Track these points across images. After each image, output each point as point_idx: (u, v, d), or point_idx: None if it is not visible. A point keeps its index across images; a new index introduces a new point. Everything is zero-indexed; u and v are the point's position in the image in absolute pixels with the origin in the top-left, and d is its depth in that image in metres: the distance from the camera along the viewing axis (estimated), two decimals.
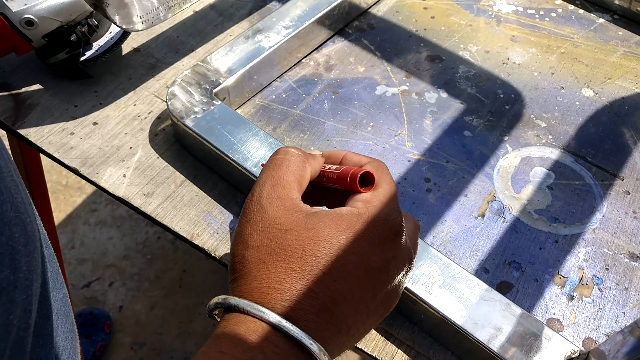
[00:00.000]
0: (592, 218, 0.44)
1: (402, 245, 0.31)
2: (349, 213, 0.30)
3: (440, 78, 0.53)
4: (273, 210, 0.29)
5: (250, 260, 0.28)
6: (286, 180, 0.31)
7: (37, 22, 0.44)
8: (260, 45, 0.50)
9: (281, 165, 0.31)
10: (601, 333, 0.38)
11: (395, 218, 0.30)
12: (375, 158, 0.34)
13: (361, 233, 0.29)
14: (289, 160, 0.32)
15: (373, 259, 0.29)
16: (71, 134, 0.47)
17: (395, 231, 0.30)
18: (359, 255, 0.28)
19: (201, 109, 0.44)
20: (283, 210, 0.29)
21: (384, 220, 0.30)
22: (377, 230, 0.29)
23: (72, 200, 1.34)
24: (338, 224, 0.29)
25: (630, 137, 0.50)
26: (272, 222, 0.29)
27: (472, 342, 0.34)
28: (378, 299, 0.29)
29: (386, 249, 0.29)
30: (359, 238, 0.29)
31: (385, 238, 0.29)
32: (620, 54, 0.57)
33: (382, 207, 0.30)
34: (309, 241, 0.28)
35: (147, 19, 0.46)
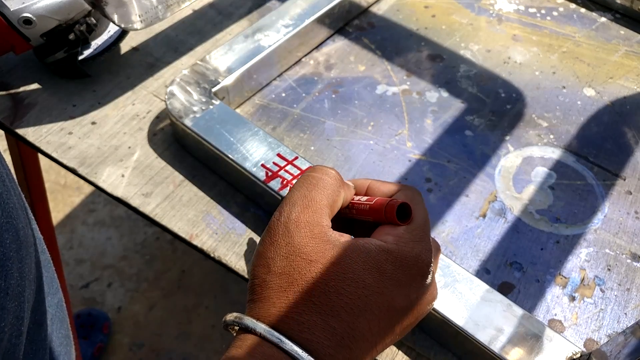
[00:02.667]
0: (593, 218, 0.44)
1: (427, 285, 0.30)
2: (378, 250, 0.28)
3: (441, 77, 0.53)
4: (300, 237, 0.28)
5: (271, 286, 0.28)
6: (319, 204, 0.29)
7: (36, 21, 0.43)
8: (260, 44, 0.49)
9: (316, 185, 0.30)
10: (603, 334, 0.38)
11: (425, 258, 0.29)
12: (405, 185, 0.32)
13: (389, 273, 0.28)
14: (325, 181, 0.30)
15: (398, 300, 0.28)
16: (69, 133, 0.47)
17: (423, 272, 0.29)
18: (384, 295, 0.28)
19: (200, 109, 0.44)
20: (310, 238, 0.28)
21: (414, 262, 0.28)
22: (405, 271, 0.28)
23: (70, 200, 1.34)
24: (366, 262, 0.28)
25: (632, 137, 0.49)
26: (297, 249, 0.28)
27: (473, 343, 0.34)
28: (396, 334, 0.29)
29: (412, 291, 0.29)
30: (386, 278, 0.28)
31: (412, 279, 0.29)
32: (621, 53, 0.56)
33: (413, 246, 0.29)
34: (334, 276, 0.27)
35: (145, 17, 0.45)
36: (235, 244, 0.41)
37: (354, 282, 0.27)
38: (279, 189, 0.39)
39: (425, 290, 0.30)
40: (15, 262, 0.21)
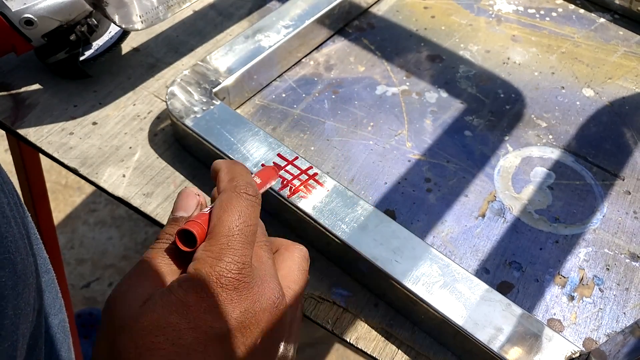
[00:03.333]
0: (592, 218, 0.44)
1: (255, 292, 0.26)
2: (178, 285, 0.25)
3: (440, 78, 0.53)
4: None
5: None
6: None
7: (37, 22, 0.43)
8: (260, 45, 0.50)
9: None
10: (602, 333, 0.38)
11: (232, 270, 0.25)
12: (229, 185, 0.28)
13: (193, 303, 0.24)
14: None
15: (217, 325, 0.24)
16: (70, 133, 0.47)
17: (234, 285, 0.25)
18: (198, 329, 0.24)
19: (201, 109, 0.44)
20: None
21: (217, 279, 0.25)
22: (211, 293, 0.25)
23: (71, 200, 1.34)
24: (168, 305, 0.24)
25: (631, 137, 0.50)
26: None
27: (473, 342, 0.34)
28: (263, 353, 0.26)
29: (232, 307, 0.25)
30: (192, 310, 0.24)
31: (225, 298, 0.25)
32: (620, 54, 0.57)
33: (212, 263, 0.25)
34: (143, 338, 0.24)
35: (146, 18, 0.46)
36: None
37: (164, 333, 0.23)
38: (279, 189, 0.39)
39: (255, 299, 0.25)
40: (11, 299, 0.21)
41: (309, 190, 0.40)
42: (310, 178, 0.40)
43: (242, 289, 0.25)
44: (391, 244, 0.37)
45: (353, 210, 0.39)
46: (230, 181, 0.29)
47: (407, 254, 0.37)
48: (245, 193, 0.28)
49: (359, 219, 0.38)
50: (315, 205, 0.39)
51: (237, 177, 0.29)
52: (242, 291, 0.25)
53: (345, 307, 0.39)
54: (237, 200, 0.27)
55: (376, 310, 0.39)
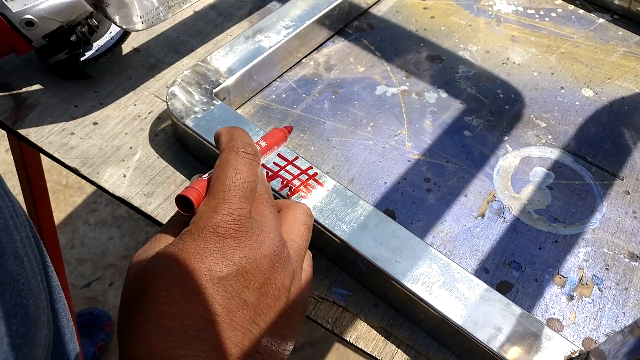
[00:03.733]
0: (592, 218, 0.44)
1: (260, 239, 0.27)
2: (180, 238, 0.27)
3: (440, 78, 0.54)
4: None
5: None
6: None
7: (37, 23, 0.44)
8: (260, 45, 0.50)
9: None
10: (601, 333, 0.38)
11: (228, 220, 0.27)
12: (226, 146, 0.30)
13: (189, 248, 0.26)
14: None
15: (217, 267, 0.26)
16: (71, 134, 0.47)
17: (233, 234, 0.26)
18: (198, 272, 0.25)
19: (201, 109, 0.44)
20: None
21: (214, 229, 0.26)
22: (208, 240, 0.26)
23: (72, 200, 1.34)
24: (168, 259, 0.26)
25: (630, 137, 0.50)
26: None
27: (472, 341, 0.34)
28: (259, 305, 0.26)
29: (233, 253, 0.26)
30: (190, 254, 0.26)
31: (222, 246, 0.26)
32: (620, 54, 0.57)
33: (210, 216, 0.27)
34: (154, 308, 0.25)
35: (147, 19, 0.46)
36: None
37: (167, 277, 0.25)
38: (279, 188, 0.40)
39: (254, 246, 0.27)
40: (22, 347, 0.21)
41: (309, 190, 0.40)
42: (310, 178, 0.40)
43: (240, 237, 0.27)
44: (391, 243, 0.37)
45: (353, 210, 0.39)
46: (229, 142, 0.30)
47: (406, 253, 0.37)
48: (244, 151, 0.29)
49: (359, 218, 0.38)
50: (315, 205, 0.39)
51: (235, 138, 0.30)
52: (240, 239, 0.26)
53: (345, 307, 0.39)
54: (234, 158, 0.29)
55: (376, 309, 0.39)
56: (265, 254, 0.27)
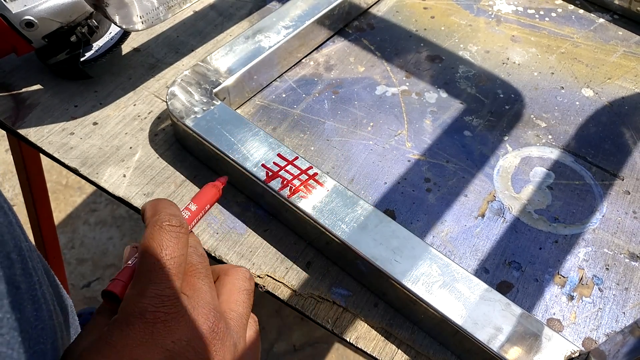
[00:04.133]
0: (592, 218, 0.44)
1: (182, 325, 0.25)
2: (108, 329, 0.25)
3: (440, 78, 0.53)
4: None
5: None
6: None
7: (37, 24, 0.44)
8: (260, 45, 0.50)
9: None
10: (601, 333, 0.38)
11: (152, 303, 0.25)
12: (149, 222, 0.28)
13: (114, 340, 0.24)
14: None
15: (146, 358, 0.24)
16: (71, 134, 0.47)
17: (161, 318, 0.25)
18: None
19: (201, 109, 0.44)
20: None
21: (140, 313, 0.25)
22: (134, 329, 0.24)
23: (72, 200, 1.34)
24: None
25: (630, 137, 0.50)
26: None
27: (472, 342, 0.34)
28: None
29: (162, 340, 0.24)
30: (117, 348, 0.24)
31: (152, 332, 0.24)
32: (620, 54, 0.57)
33: (137, 300, 0.25)
34: None
35: (147, 19, 0.46)
36: (236, 243, 0.42)
37: None
38: (279, 189, 0.40)
39: (187, 328, 0.25)
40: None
41: (309, 190, 0.40)
42: (310, 178, 0.40)
43: (171, 320, 0.25)
44: (391, 243, 0.37)
45: (353, 210, 0.39)
46: (152, 216, 0.28)
47: (406, 253, 0.37)
48: (168, 224, 0.27)
49: (359, 218, 0.38)
50: (315, 205, 0.39)
51: (159, 211, 0.28)
52: (171, 322, 0.25)
53: (345, 307, 0.39)
54: (158, 234, 0.27)
55: (376, 309, 0.39)
56: (199, 334, 0.25)
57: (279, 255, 0.41)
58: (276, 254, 0.41)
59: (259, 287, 0.40)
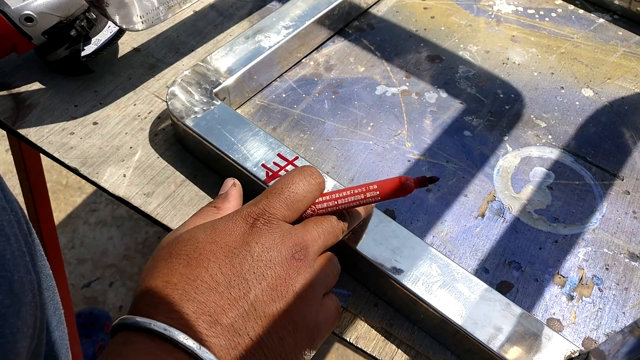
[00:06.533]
0: (592, 218, 0.44)
1: (270, 237, 0.30)
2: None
3: (440, 78, 0.54)
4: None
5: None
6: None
7: (37, 18, 0.44)
8: (260, 45, 0.50)
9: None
10: (601, 333, 0.38)
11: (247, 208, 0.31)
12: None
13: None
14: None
15: (231, 245, 0.29)
16: (71, 133, 0.47)
17: (246, 218, 0.31)
18: (207, 242, 0.30)
19: (201, 109, 0.44)
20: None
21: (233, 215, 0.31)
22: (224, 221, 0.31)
23: (72, 200, 1.34)
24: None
25: (630, 137, 0.50)
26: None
27: (472, 341, 0.34)
28: (250, 283, 0.29)
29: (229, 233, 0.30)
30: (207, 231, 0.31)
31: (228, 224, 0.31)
32: (620, 54, 0.57)
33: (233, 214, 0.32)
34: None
35: (147, 18, 0.46)
36: None
37: (191, 243, 0.30)
38: None
39: (273, 238, 0.30)
40: (7, 318, 0.21)
41: None
42: None
43: (262, 230, 0.30)
44: (391, 243, 0.37)
45: None
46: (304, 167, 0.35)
47: (406, 253, 0.37)
48: (308, 170, 0.34)
49: None
50: None
51: (310, 167, 0.35)
52: (262, 231, 0.30)
53: (345, 307, 0.39)
54: (297, 174, 0.33)
55: (376, 309, 0.39)
56: (278, 250, 0.30)
57: None
58: None
59: None
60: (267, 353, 0.28)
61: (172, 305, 0.27)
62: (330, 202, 0.33)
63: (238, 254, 0.29)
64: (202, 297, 0.27)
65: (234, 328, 0.27)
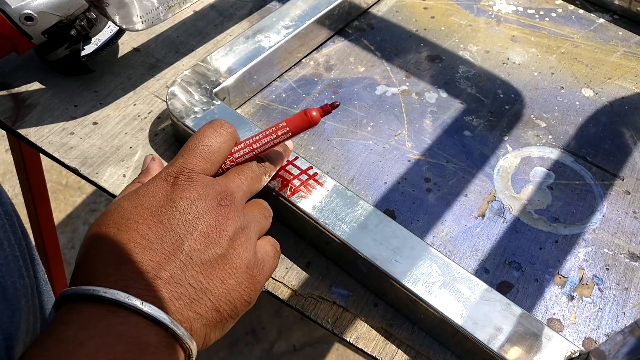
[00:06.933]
0: (592, 218, 0.44)
1: (193, 189, 0.31)
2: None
3: (440, 78, 0.53)
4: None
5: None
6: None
7: (37, 17, 0.44)
8: (260, 45, 0.50)
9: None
10: (601, 333, 0.38)
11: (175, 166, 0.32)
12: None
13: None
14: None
15: (155, 204, 0.30)
16: (71, 133, 0.47)
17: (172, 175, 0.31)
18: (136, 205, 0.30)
19: (201, 109, 0.44)
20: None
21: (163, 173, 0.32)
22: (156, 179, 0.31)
23: (72, 200, 1.34)
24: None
25: (630, 137, 0.50)
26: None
27: (472, 342, 0.34)
28: (179, 236, 0.29)
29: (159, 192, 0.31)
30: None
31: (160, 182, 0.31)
32: (620, 54, 0.57)
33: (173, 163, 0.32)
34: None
35: (147, 19, 0.46)
36: None
37: (118, 210, 0.31)
38: (279, 188, 0.40)
39: (195, 192, 0.30)
40: (2, 323, 0.22)
41: (309, 190, 0.40)
42: (310, 178, 0.40)
43: (184, 185, 0.31)
44: (391, 243, 0.37)
45: (353, 210, 0.39)
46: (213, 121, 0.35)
47: (406, 253, 0.37)
48: (218, 121, 0.34)
49: (359, 218, 0.38)
50: (315, 205, 0.39)
51: (220, 120, 0.35)
52: (184, 186, 0.31)
53: (345, 307, 0.39)
54: (206, 126, 0.34)
55: (376, 309, 0.39)
56: (204, 199, 0.30)
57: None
58: None
59: None
60: (211, 297, 0.29)
61: (109, 270, 0.27)
62: (246, 149, 0.34)
63: (165, 211, 0.29)
64: (138, 257, 0.28)
65: (174, 280, 0.28)
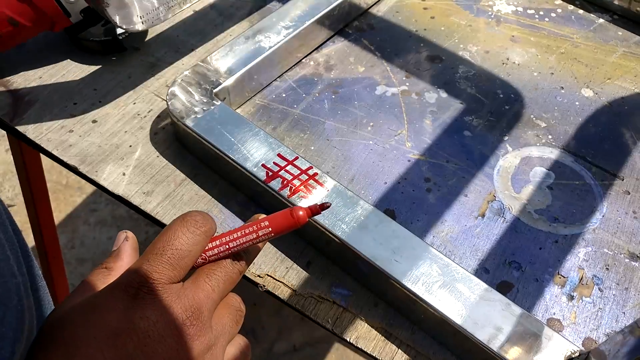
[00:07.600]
0: (592, 218, 0.44)
1: (157, 306, 0.26)
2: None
3: (440, 78, 0.53)
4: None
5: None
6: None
7: None
8: (261, 45, 0.50)
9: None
10: (601, 333, 0.38)
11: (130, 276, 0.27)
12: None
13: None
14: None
15: (113, 325, 0.25)
16: (70, 131, 0.47)
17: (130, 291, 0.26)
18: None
19: (201, 109, 0.44)
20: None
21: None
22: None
23: (72, 200, 1.34)
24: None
25: (630, 137, 0.50)
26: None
27: (472, 342, 0.34)
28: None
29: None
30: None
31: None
32: (619, 54, 0.57)
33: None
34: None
35: (147, 19, 0.46)
36: None
37: (66, 328, 0.26)
38: (279, 188, 0.40)
39: (160, 309, 0.26)
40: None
41: (309, 190, 0.40)
42: (310, 178, 0.40)
43: (147, 299, 0.26)
44: (391, 243, 0.37)
45: (353, 210, 0.39)
46: (185, 214, 0.30)
47: (406, 253, 0.37)
48: (192, 219, 0.29)
49: (359, 218, 0.38)
50: None
51: (194, 214, 0.30)
52: (147, 301, 0.26)
53: (345, 307, 0.39)
54: (178, 224, 0.29)
55: (376, 309, 0.39)
56: (169, 320, 0.26)
57: (279, 255, 0.41)
58: (276, 254, 0.41)
59: (259, 287, 0.39)
60: None
61: None
62: (221, 247, 0.30)
63: (121, 334, 0.25)
64: None
65: None
